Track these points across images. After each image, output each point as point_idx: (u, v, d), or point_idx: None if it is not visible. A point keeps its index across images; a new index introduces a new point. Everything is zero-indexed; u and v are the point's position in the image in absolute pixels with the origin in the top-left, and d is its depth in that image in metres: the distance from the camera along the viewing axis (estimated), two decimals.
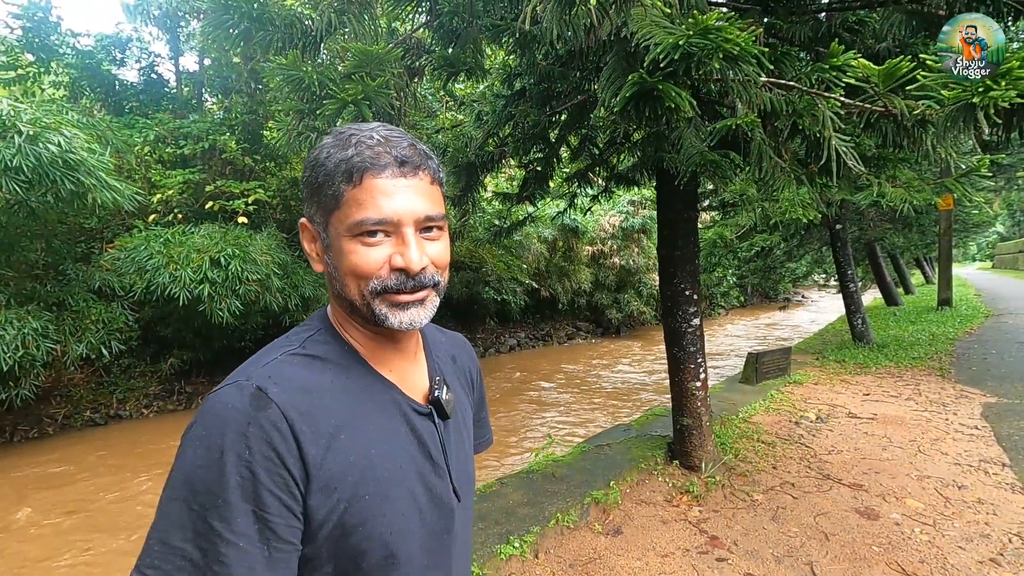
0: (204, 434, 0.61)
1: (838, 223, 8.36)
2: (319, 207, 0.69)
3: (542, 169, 4.03)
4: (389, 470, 0.69)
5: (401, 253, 0.67)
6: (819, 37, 2.58)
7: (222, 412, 0.62)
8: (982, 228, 19.05)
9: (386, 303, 0.68)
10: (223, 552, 0.57)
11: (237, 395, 0.63)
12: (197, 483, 0.59)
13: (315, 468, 0.63)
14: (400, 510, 0.69)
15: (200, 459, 0.60)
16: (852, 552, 2.84)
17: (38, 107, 6.00)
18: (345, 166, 0.66)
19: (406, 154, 0.68)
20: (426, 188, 0.69)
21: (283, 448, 0.61)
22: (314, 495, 0.63)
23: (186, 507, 0.58)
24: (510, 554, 2.79)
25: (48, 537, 4.59)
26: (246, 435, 0.60)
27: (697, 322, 3.73)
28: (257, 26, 2.21)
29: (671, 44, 1.48)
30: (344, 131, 0.70)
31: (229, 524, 0.57)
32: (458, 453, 0.82)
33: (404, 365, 0.79)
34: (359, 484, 0.66)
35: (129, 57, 10.77)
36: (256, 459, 0.59)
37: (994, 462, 3.96)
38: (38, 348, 5.95)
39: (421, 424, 0.76)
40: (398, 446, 0.72)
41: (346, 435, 0.67)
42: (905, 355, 7.94)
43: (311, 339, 0.73)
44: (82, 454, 6.55)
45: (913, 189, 2.59)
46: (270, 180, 10.51)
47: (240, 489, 0.58)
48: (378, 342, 0.75)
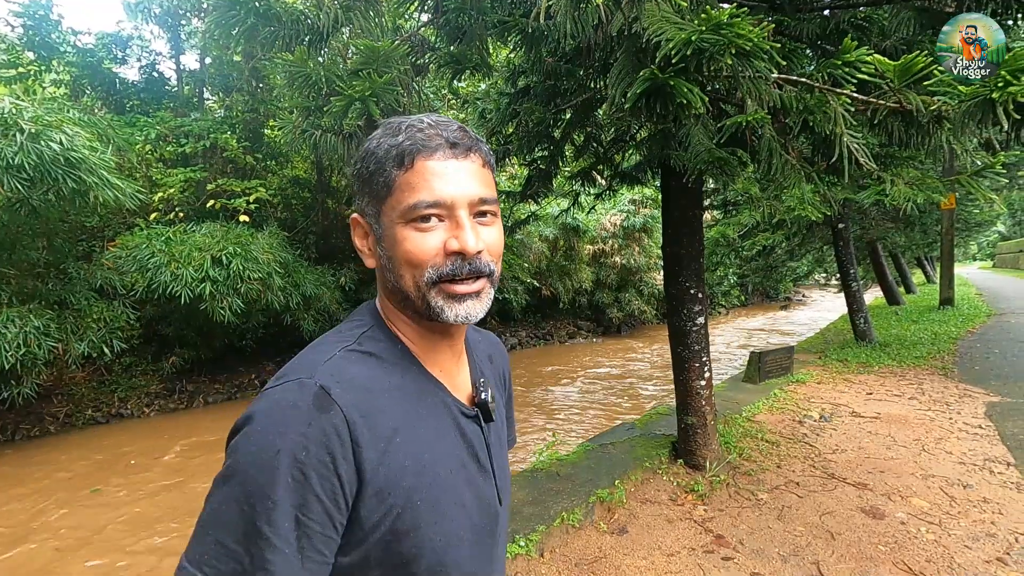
0: (261, 430, 0.59)
1: (841, 222, 8.35)
2: (371, 197, 0.68)
3: (546, 167, 4.02)
4: (441, 475, 0.68)
5: (456, 236, 0.65)
6: (827, 34, 2.56)
7: (282, 410, 0.59)
8: (984, 227, 19.04)
9: (442, 295, 0.66)
10: (268, 559, 0.55)
11: (299, 393, 0.60)
12: (249, 482, 0.57)
13: (370, 473, 0.61)
14: (451, 516, 0.68)
15: (255, 457, 0.57)
16: (858, 551, 2.83)
17: (39, 105, 5.99)
18: (396, 151, 0.65)
19: (457, 136, 0.67)
20: (478, 170, 0.68)
21: (339, 453, 0.59)
22: (367, 500, 0.61)
23: (237, 507, 0.57)
24: (516, 553, 2.78)
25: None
26: (306, 436, 0.58)
27: (702, 320, 3.72)
28: (263, 22, 2.19)
29: (683, 40, 1.47)
30: (393, 121, 0.69)
31: (275, 528, 0.56)
32: (500, 456, 0.81)
33: (452, 365, 0.77)
34: (412, 489, 0.64)
35: (130, 55, 10.75)
36: (311, 462, 0.57)
37: (999, 461, 3.95)
38: (40, 346, 5.94)
39: (468, 427, 0.74)
40: (449, 450, 0.70)
41: (401, 438, 0.65)
42: (908, 354, 7.93)
43: (366, 335, 0.71)
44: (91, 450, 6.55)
45: (919, 187, 2.58)
46: (271, 179, 10.51)
47: (289, 491, 0.56)
48: (429, 339, 0.73)
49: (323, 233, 10.91)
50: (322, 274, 9.41)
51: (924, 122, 1.61)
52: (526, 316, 15.05)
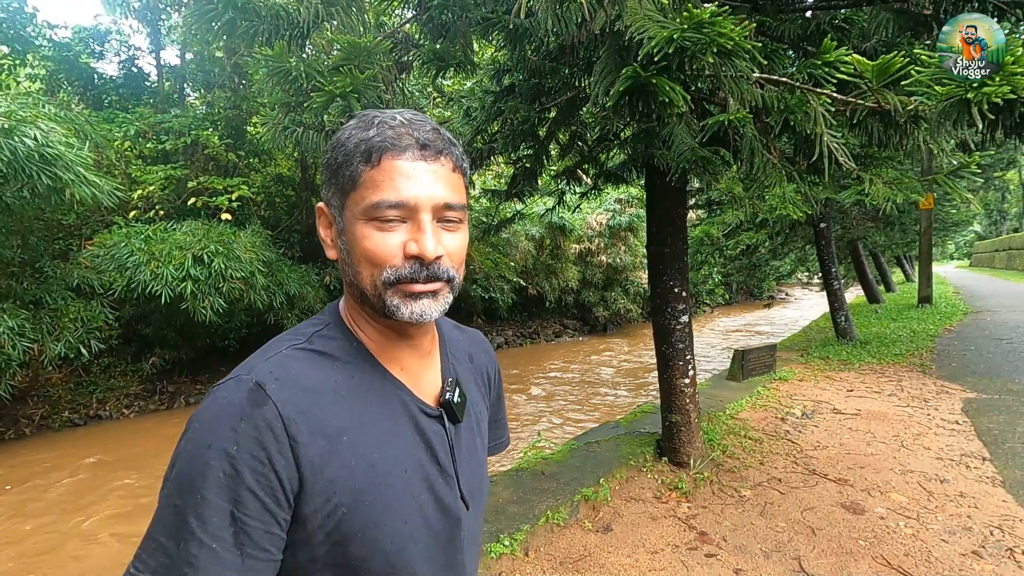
0: (197, 427, 0.60)
1: (822, 221, 8.47)
2: (336, 189, 0.67)
3: (531, 166, 4.01)
4: (393, 476, 0.66)
5: (416, 240, 0.64)
6: (808, 35, 2.59)
7: (217, 405, 0.60)
8: (961, 227, 19.41)
9: (398, 294, 0.65)
10: (194, 553, 0.55)
11: (235, 389, 0.61)
12: (182, 476, 0.58)
13: (312, 471, 0.60)
14: (403, 518, 0.66)
15: (188, 453, 0.58)
16: (839, 546, 2.87)
17: (13, 100, 5.84)
18: (365, 146, 0.64)
19: (428, 138, 0.66)
20: (447, 175, 0.67)
21: (274, 449, 0.58)
22: (311, 498, 0.60)
23: (170, 501, 0.57)
24: (500, 552, 2.77)
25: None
26: (236, 431, 0.58)
27: (686, 319, 3.75)
28: (242, 16, 2.15)
29: (665, 38, 1.47)
30: (368, 113, 0.68)
31: (204, 523, 0.55)
32: (469, 459, 0.78)
33: (416, 364, 0.75)
34: (360, 491, 0.63)
35: (108, 50, 10.55)
36: (242, 456, 0.57)
37: (975, 456, 4.03)
38: (14, 347, 5.81)
39: (430, 427, 0.73)
40: (404, 451, 0.69)
41: (349, 438, 0.64)
42: (887, 351, 8.06)
43: (319, 334, 0.70)
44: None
45: (898, 187, 2.62)
46: (254, 176, 10.37)
47: (219, 486, 0.56)
48: (389, 337, 0.72)
49: (307, 232, 10.79)
50: (306, 273, 9.32)
51: (902, 122, 1.63)
52: (512, 315, 15.05)
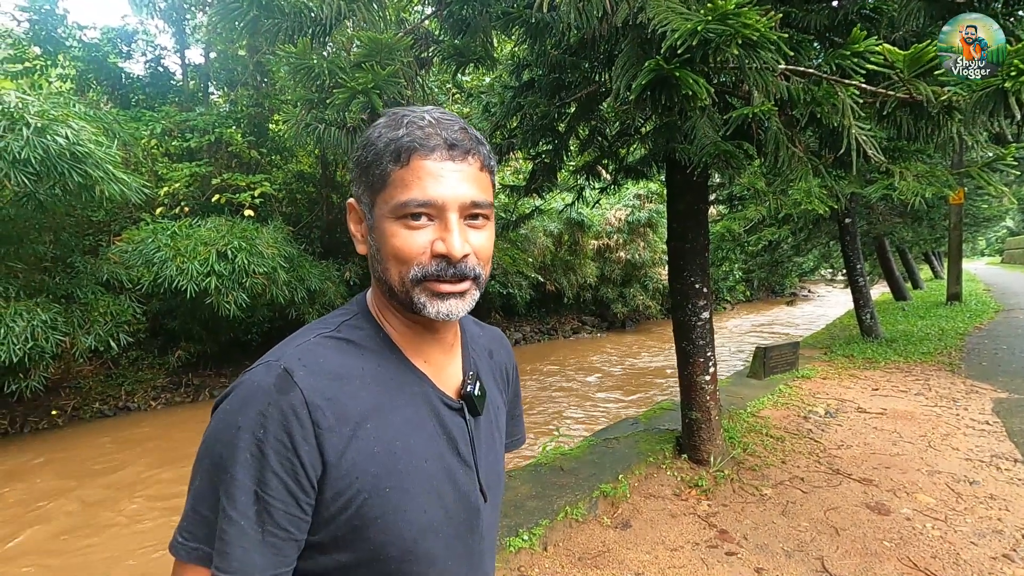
0: (228, 409, 0.63)
1: (847, 216, 8.29)
2: (366, 187, 0.69)
3: (550, 161, 4.00)
4: (414, 464, 0.68)
5: (443, 238, 0.65)
6: (835, 26, 2.53)
7: (247, 389, 0.63)
8: (992, 223, 18.86)
9: (426, 292, 0.67)
10: (224, 528, 0.59)
11: (264, 374, 0.64)
12: (214, 456, 0.62)
13: (335, 456, 0.63)
14: (423, 507, 0.68)
15: (219, 433, 0.63)
16: (863, 547, 2.82)
17: (45, 100, 5.99)
18: (394, 146, 0.66)
19: (457, 137, 0.67)
20: (475, 174, 0.68)
21: (299, 434, 0.61)
22: (333, 482, 0.63)
23: (207, 478, 0.62)
24: (519, 547, 2.78)
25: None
26: (264, 415, 0.61)
27: (707, 315, 3.70)
28: (266, 14, 2.18)
29: (688, 30, 1.45)
30: (397, 112, 0.69)
31: (233, 501, 0.60)
32: (488, 452, 0.80)
33: (440, 357, 0.77)
34: (381, 476, 0.65)
35: (135, 50, 10.77)
36: (269, 440, 0.60)
37: (1006, 457, 3.92)
38: (47, 340, 5.98)
39: (451, 419, 0.74)
40: (425, 441, 0.70)
41: (372, 424, 0.66)
42: (914, 350, 7.87)
43: (347, 323, 0.73)
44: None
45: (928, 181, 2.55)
46: (276, 173, 10.52)
47: (246, 466, 0.60)
48: (415, 331, 0.74)
49: (328, 228, 10.92)
50: (327, 268, 9.43)
51: (934, 113, 1.58)
52: (530, 311, 15.04)
